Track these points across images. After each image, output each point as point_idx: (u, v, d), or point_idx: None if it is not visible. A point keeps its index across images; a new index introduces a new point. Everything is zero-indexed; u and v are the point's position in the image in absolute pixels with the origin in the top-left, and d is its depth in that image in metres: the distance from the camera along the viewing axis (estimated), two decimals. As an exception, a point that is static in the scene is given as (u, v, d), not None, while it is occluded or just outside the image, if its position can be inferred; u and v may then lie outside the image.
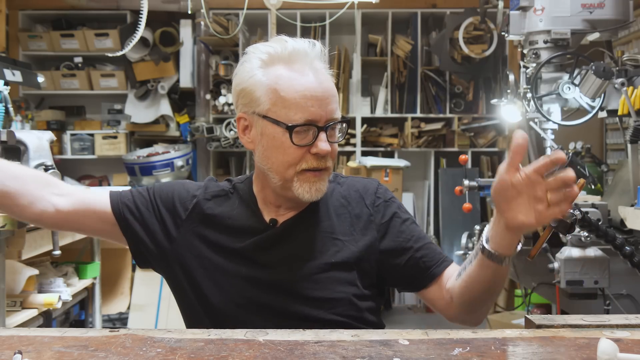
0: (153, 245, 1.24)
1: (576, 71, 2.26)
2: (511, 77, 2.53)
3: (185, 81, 4.82)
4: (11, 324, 2.11)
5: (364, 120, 4.78)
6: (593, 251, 1.85)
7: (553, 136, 2.40)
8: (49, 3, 4.86)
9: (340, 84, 4.73)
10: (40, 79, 2.83)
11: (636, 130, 2.07)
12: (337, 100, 1.19)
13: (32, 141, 2.03)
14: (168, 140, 4.97)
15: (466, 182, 2.48)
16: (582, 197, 2.06)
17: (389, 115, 4.82)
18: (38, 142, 2.05)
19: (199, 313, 1.22)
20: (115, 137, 4.87)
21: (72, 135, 4.90)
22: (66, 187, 1.24)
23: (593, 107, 2.30)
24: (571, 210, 1.68)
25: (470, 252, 2.69)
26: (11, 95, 2.44)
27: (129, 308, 4.18)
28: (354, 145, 4.74)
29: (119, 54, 3.27)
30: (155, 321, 4.06)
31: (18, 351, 0.82)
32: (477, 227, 2.69)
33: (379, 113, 4.83)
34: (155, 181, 4.48)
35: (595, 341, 0.82)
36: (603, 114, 2.40)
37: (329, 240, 1.22)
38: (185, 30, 4.76)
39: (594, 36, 2.41)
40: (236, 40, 4.69)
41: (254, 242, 1.21)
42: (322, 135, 1.14)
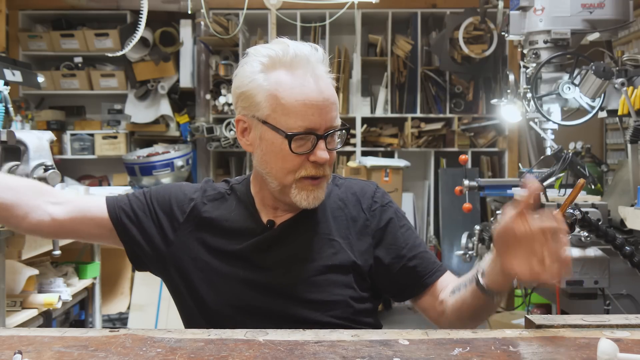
0: (150, 248, 1.24)
1: (576, 71, 2.26)
2: (511, 77, 2.53)
3: (185, 81, 4.82)
4: (11, 324, 2.11)
5: (364, 120, 4.78)
6: (593, 251, 1.85)
7: (553, 136, 2.41)
8: (49, 3, 4.86)
9: (340, 84, 4.73)
10: (40, 79, 2.83)
11: (636, 130, 2.07)
12: (337, 107, 1.18)
13: (32, 141, 2.03)
14: (168, 140, 4.97)
15: (466, 182, 2.48)
16: (582, 197, 2.06)
17: (389, 115, 4.81)
18: (38, 142, 2.05)
19: (196, 315, 1.22)
20: (115, 137, 4.87)
21: (72, 135, 4.89)
22: (61, 195, 1.24)
23: (593, 107, 2.30)
24: (571, 210, 1.68)
25: (470, 252, 2.70)
26: (11, 95, 2.44)
27: (129, 308, 4.18)
28: (354, 145, 4.73)
29: (119, 54, 3.27)
30: (155, 321, 4.06)
31: (18, 351, 0.82)
32: (477, 227, 2.69)
33: (379, 113, 4.82)
34: (155, 181, 4.48)
35: (595, 341, 0.82)
36: (603, 114, 2.40)
37: (326, 242, 1.22)
38: (185, 30, 4.76)
39: (594, 36, 2.41)
40: (236, 40, 4.69)
41: (251, 244, 1.20)
42: (321, 144, 1.14)
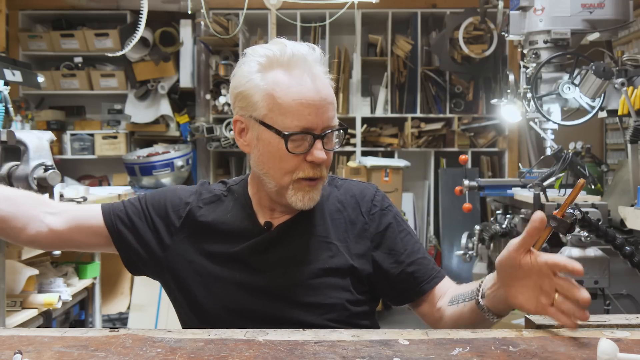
0: (146, 253, 1.24)
1: (576, 71, 2.26)
2: (511, 77, 2.53)
3: (185, 81, 4.82)
4: (11, 324, 2.10)
5: (364, 120, 4.78)
6: (593, 251, 1.85)
7: (553, 136, 2.41)
8: (49, 3, 4.86)
9: (340, 84, 4.73)
10: (40, 79, 2.82)
11: (636, 130, 2.07)
12: (335, 107, 1.17)
13: (32, 141, 2.03)
14: (168, 140, 4.97)
15: (466, 182, 2.48)
16: (582, 197, 2.06)
17: (389, 115, 4.81)
18: (38, 142, 2.04)
19: (193, 319, 1.22)
20: (115, 137, 4.87)
21: (72, 135, 4.90)
22: (57, 205, 1.24)
23: (593, 107, 2.31)
24: (571, 210, 1.68)
25: (470, 252, 2.70)
26: (11, 95, 2.44)
27: (129, 308, 4.18)
28: (354, 145, 4.73)
29: (119, 54, 3.26)
30: (155, 321, 4.06)
31: (18, 351, 0.82)
32: (477, 227, 2.69)
33: (379, 113, 4.82)
34: (155, 181, 4.48)
35: (595, 341, 0.82)
36: (603, 114, 2.40)
37: (324, 244, 1.21)
38: (185, 30, 4.76)
39: (594, 36, 2.41)
40: (236, 40, 4.69)
41: (248, 246, 1.20)
42: (318, 144, 1.13)
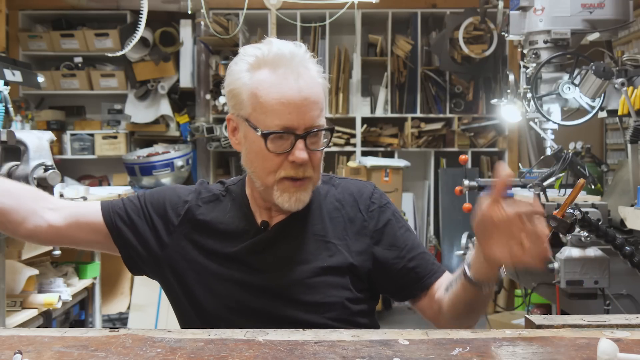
0: (145, 251, 1.24)
1: (576, 71, 2.26)
2: (511, 77, 2.53)
3: (185, 81, 4.82)
4: (11, 324, 2.11)
5: (364, 120, 4.78)
6: (593, 251, 1.85)
7: (553, 136, 2.40)
8: (49, 3, 4.85)
9: (340, 84, 4.73)
10: (40, 79, 2.83)
11: (636, 130, 2.07)
12: (321, 107, 1.15)
13: (32, 141, 2.03)
14: (168, 140, 4.97)
15: (466, 182, 2.48)
16: (582, 197, 2.06)
17: (389, 115, 4.81)
18: (38, 142, 2.04)
19: (192, 317, 1.22)
20: (115, 137, 4.87)
21: (72, 135, 4.89)
22: (57, 201, 1.24)
23: (593, 107, 2.30)
24: (571, 210, 1.68)
25: (470, 252, 2.70)
26: (11, 95, 2.44)
27: (129, 308, 4.18)
28: (354, 145, 4.73)
29: (119, 54, 3.27)
30: (155, 321, 4.06)
31: (18, 351, 0.82)
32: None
33: (379, 113, 4.82)
34: (155, 181, 4.48)
35: (595, 341, 0.82)
36: (603, 114, 2.40)
37: (322, 243, 1.21)
38: (185, 30, 4.76)
39: (594, 36, 2.40)
40: (236, 40, 4.69)
41: (246, 247, 1.20)
42: (299, 144, 1.13)
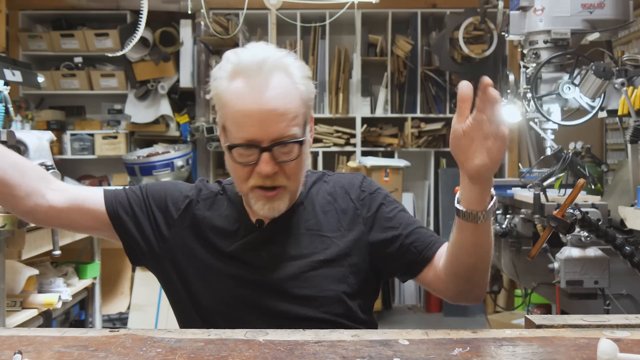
0: (145, 243, 1.25)
1: (576, 71, 2.26)
2: (511, 77, 2.53)
3: (185, 81, 4.82)
4: (11, 324, 2.11)
5: (364, 120, 4.77)
6: (593, 251, 1.85)
7: (553, 136, 2.41)
8: (49, 3, 4.85)
9: (340, 84, 4.73)
10: (40, 79, 2.82)
11: (636, 130, 2.07)
12: (292, 117, 1.12)
13: (32, 141, 2.03)
14: (168, 140, 4.97)
15: (466, 182, 2.47)
16: (582, 197, 2.06)
17: (389, 115, 4.81)
18: (38, 142, 2.05)
19: (190, 312, 1.23)
20: (115, 137, 4.87)
21: (72, 135, 4.89)
22: (61, 184, 1.24)
23: (593, 107, 2.30)
24: (571, 210, 1.68)
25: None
26: (11, 95, 2.44)
27: (129, 308, 4.19)
28: (354, 145, 4.73)
29: (119, 54, 3.27)
30: (155, 321, 4.07)
31: (18, 351, 0.82)
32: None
33: (379, 113, 4.82)
34: (155, 181, 4.48)
35: (595, 341, 0.82)
36: (603, 114, 2.40)
37: (317, 238, 1.22)
38: (185, 30, 4.76)
39: (594, 36, 2.41)
40: (236, 40, 4.68)
41: (242, 245, 1.21)
42: (264, 156, 1.12)
